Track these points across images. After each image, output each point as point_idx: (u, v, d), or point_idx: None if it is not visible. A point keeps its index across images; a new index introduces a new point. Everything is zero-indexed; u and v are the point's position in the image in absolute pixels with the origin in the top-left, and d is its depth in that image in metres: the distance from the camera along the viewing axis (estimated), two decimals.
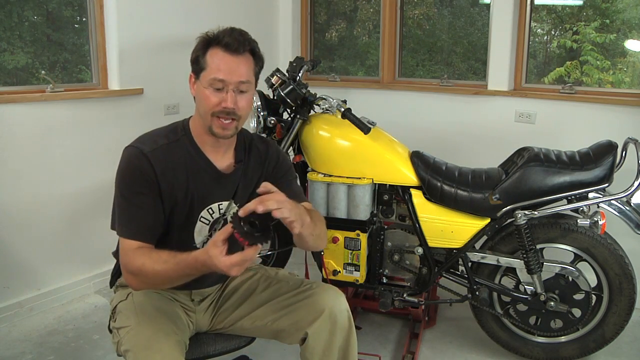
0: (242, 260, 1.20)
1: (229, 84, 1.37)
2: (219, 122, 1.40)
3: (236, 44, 1.37)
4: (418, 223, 2.11)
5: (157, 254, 1.35)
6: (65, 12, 2.85)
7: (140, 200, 1.40)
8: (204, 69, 1.39)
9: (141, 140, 1.46)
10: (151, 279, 1.34)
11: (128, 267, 1.38)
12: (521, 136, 2.81)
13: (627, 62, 3.21)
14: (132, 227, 1.40)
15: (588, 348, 2.12)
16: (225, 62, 1.37)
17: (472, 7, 3.73)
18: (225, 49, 1.37)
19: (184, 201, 1.46)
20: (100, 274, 2.80)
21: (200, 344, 1.57)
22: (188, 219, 1.49)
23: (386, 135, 2.23)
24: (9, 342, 2.33)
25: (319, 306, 1.49)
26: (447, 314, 2.60)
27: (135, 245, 1.38)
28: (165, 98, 2.93)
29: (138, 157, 1.40)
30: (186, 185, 1.45)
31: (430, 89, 3.25)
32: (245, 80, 1.40)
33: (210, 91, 1.38)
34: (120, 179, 1.42)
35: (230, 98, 1.37)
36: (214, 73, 1.37)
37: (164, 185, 1.42)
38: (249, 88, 1.42)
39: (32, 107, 2.45)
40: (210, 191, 1.49)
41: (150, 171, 1.40)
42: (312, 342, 1.48)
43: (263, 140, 1.63)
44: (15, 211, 2.44)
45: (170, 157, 1.44)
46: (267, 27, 3.56)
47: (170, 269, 1.31)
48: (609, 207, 2.02)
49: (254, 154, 1.57)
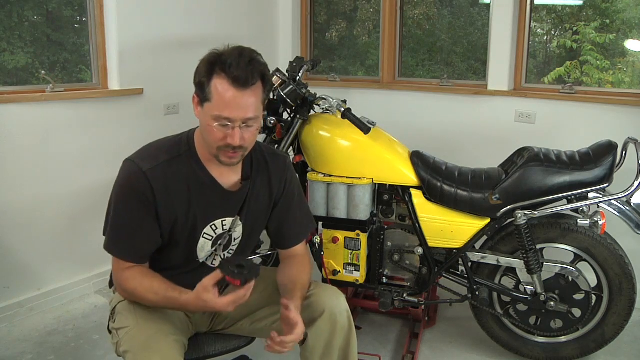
0: (237, 298, 1.28)
1: (235, 121, 1.30)
2: (225, 154, 1.35)
3: (244, 76, 1.27)
4: (418, 223, 2.11)
5: (149, 282, 1.38)
6: (65, 12, 2.85)
7: (132, 220, 1.39)
8: (209, 100, 1.30)
9: (142, 155, 1.42)
10: (143, 301, 1.40)
11: (121, 286, 1.42)
12: (521, 136, 2.81)
13: (627, 62, 3.21)
14: (120, 246, 1.41)
15: (588, 348, 2.12)
16: (231, 98, 1.27)
17: (472, 7, 3.73)
18: (233, 83, 1.27)
19: (185, 218, 1.44)
20: (100, 274, 2.80)
21: (200, 344, 1.57)
22: (191, 236, 1.47)
23: (386, 135, 2.23)
24: (9, 342, 2.33)
25: (319, 307, 1.48)
26: (447, 314, 2.60)
27: (126, 266, 1.40)
28: (165, 98, 2.93)
29: (136, 175, 1.37)
30: (188, 202, 1.43)
31: (430, 89, 3.25)
32: (253, 117, 1.32)
33: (215, 125, 1.31)
34: (117, 194, 1.41)
35: (236, 135, 1.31)
36: (219, 110, 1.28)
37: (162, 203, 1.39)
38: (255, 122, 1.34)
39: (32, 107, 2.44)
40: (214, 208, 1.47)
41: (148, 190, 1.37)
42: (312, 343, 1.48)
43: (274, 154, 1.58)
44: (15, 211, 2.44)
45: (171, 174, 1.40)
46: (267, 27, 3.56)
47: (161, 302, 1.37)
48: (609, 207, 2.02)
49: (262, 169, 1.53)
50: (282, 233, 1.61)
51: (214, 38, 3.08)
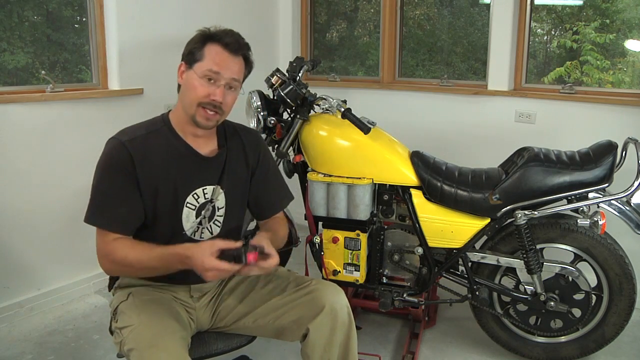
0: (225, 271, 1.28)
1: (222, 78, 1.44)
2: (203, 112, 1.45)
3: (235, 45, 1.46)
4: (418, 223, 2.11)
5: (140, 246, 1.40)
6: (65, 12, 2.85)
7: (116, 191, 1.43)
8: (200, 60, 1.44)
9: (122, 131, 1.50)
10: (134, 267, 1.40)
11: (110, 257, 1.41)
12: (521, 136, 2.81)
13: (627, 62, 3.21)
14: (106, 216, 1.43)
15: (588, 348, 2.12)
16: (222, 58, 1.45)
17: (472, 7, 3.73)
18: (225, 47, 1.45)
19: (166, 188, 1.48)
20: (100, 273, 2.80)
21: (202, 342, 1.57)
22: (174, 206, 1.51)
23: (386, 135, 2.23)
24: (9, 342, 2.33)
25: (320, 302, 1.50)
26: (447, 314, 2.60)
27: (112, 237, 1.42)
28: (165, 98, 2.92)
29: (117, 147, 1.44)
30: (167, 172, 1.48)
31: (430, 89, 3.25)
32: (237, 78, 1.48)
33: (201, 82, 1.44)
34: (98, 168, 1.46)
35: (220, 92, 1.44)
36: (211, 65, 1.43)
37: (142, 173, 1.44)
38: (237, 87, 1.50)
39: (32, 107, 2.45)
40: (193, 176, 1.52)
41: (128, 160, 1.43)
42: (313, 338, 1.50)
43: (245, 128, 1.69)
44: (15, 211, 2.44)
45: (149, 146, 1.47)
46: (267, 27, 3.56)
47: (154, 258, 1.36)
48: (609, 207, 2.02)
49: (236, 139, 1.62)
50: (261, 203, 1.68)
51: None
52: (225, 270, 1.28)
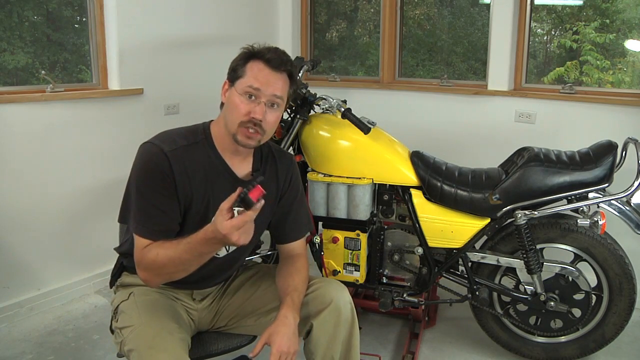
0: (242, 222, 1.23)
1: (263, 95, 1.40)
2: (245, 130, 1.41)
3: (278, 61, 1.43)
4: (418, 223, 2.11)
5: (168, 242, 1.36)
6: (65, 12, 2.85)
7: (158, 200, 1.40)
8: (241, 77, 1.42)
9: (160, 138, 1.46)
10: (167, 268, 1.35)
11: (142, 263, 1.38)
12: (521, 136, 2.81)
13: (627, 62, 3.21)
14: (149, 226, 1.40)
15: (588, 348, 2.12)
16: (264, 74, 1.41)
17: (472, 7, 3.73)
18: (266, 63, 1.42)
19: (200, 203, 1.46)
20: (100, 274, 2.80)
21: (202, 342, 1.57)
22: (202, 223, 1.45)
23: (386, 135, 2.23)
24: (9, 342, 2.33)
25: (324, 298, 1.51)
26: (447, 314, 2.60)
27: (148, 243, 1.39)
28: (165, 98, 2.93)
29: (158, 155, 1.40)
30: (204, 188, 1.46)
31: (430, 89, 3.25)
32: (279, 95, 1.43)
33: (242, 99, 1.40)
34: (139, 176, 1.42)
35: (260, 110, 1.40)
36: (251, 81, 1.40)
37: (181, 185, 1.42)
38: (280, 104, 1.45)
39: (32, 107, 2.44)
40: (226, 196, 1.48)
41: (169, 171, 1.40)
42: (316, 334, 1.50)
43: (281, 151, 1.66)
44: (15, 211, 2.44)
45: (189, 159, 1.44)
46: (267, 27, 3.56)
47: (183, 250, 1.32)
48: (609, 207, 2.02)
49: (271, 163, 1.59)
50: (283, 227, 1.64)
51: (214, 38, 3.10)
52: (243, 221, 1.23)
